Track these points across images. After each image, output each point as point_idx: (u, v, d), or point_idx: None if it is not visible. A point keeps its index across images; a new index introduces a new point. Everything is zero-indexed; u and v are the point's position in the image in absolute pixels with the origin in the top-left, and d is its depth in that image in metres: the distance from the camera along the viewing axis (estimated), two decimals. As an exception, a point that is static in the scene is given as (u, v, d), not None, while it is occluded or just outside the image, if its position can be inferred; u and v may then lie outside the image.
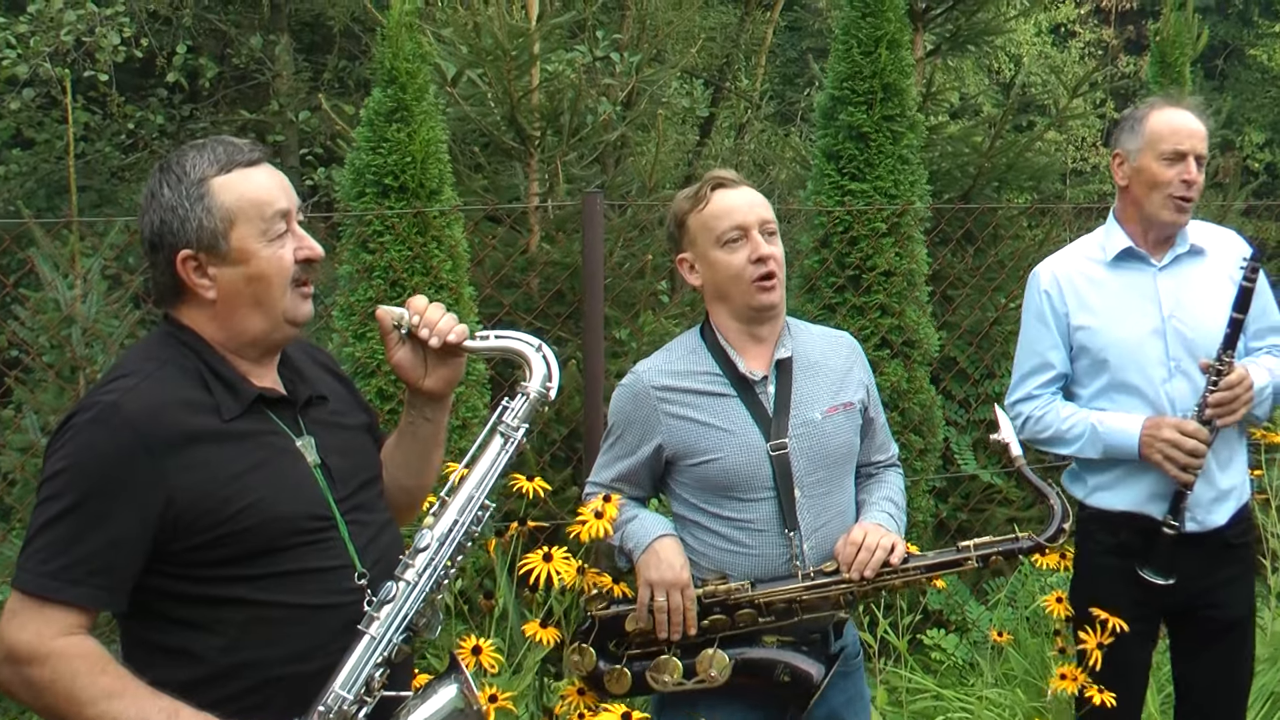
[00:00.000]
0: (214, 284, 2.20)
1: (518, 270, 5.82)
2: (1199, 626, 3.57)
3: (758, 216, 2.91)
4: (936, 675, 5.22)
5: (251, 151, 2.24)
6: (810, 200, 5.87)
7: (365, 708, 2.15)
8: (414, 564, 2.21)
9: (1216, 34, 19.56)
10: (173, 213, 2.18)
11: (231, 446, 2.16)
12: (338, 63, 11.28)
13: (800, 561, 2.87)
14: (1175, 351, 3.44)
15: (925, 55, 7.31)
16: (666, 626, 2.80)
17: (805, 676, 2.84)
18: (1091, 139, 18.87)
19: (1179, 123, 3.47)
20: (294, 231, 2.24)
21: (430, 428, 2.47)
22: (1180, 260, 3.53)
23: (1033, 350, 3.60)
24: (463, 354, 2.39)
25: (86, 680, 2.03)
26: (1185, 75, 6.95)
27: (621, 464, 2.99)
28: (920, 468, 5.76)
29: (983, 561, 2.91)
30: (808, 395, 2.96)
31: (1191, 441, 3.34)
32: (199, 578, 2.12)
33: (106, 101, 10.59)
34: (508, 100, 6.02)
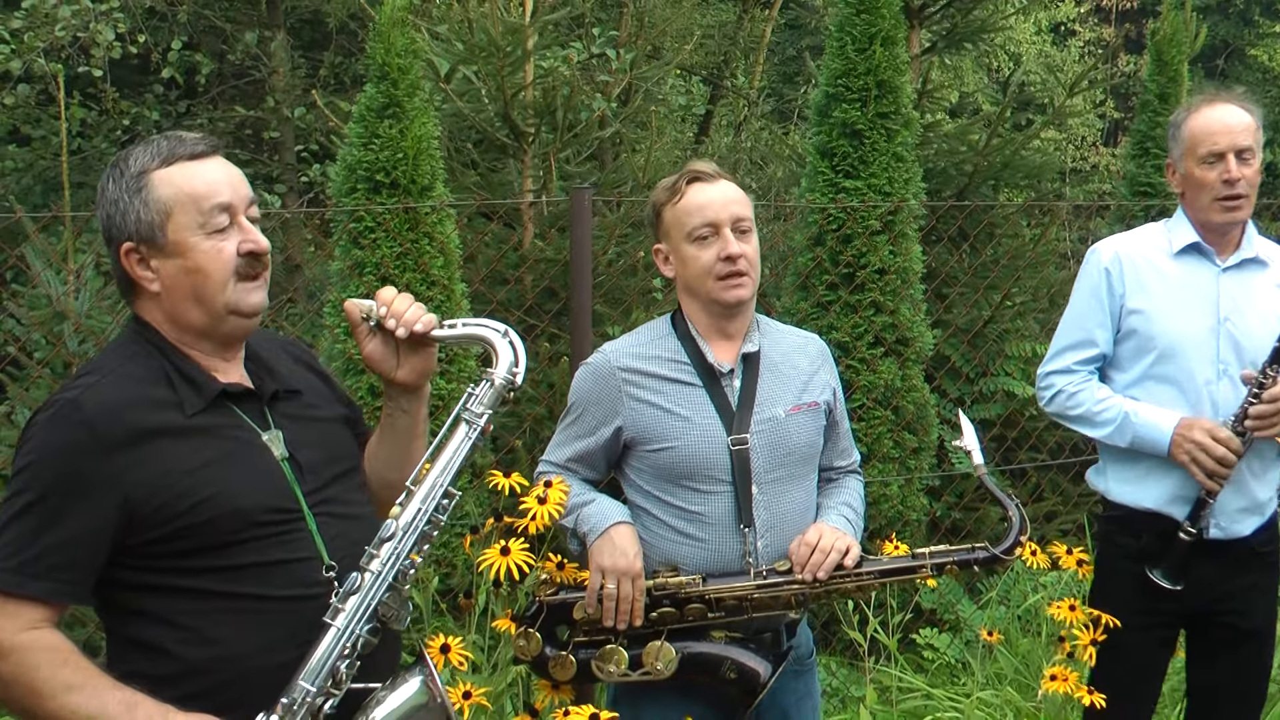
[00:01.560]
0: (156, 276, 2.22)
1: (510, 267, 5.81)
2: (1217, 633, 3.53)
3: (730, 213, 2.89)
4: (927, 674, 5.21)
5: (197, 144, 2.25)
6: (804, 198, 5.86)
7: (332, 700, 2.15)
8: (379, 554, 2.22)
9: (1217, 34, 19.54)
10: (115, 206, 2.22)
11: (192, 441, 2.17)
12: (334, 59, 11.27)
13: (753, 559, 2.85)
14: (1225, 354, 3.40)
15: (921, 53, 7.30)
16: (614, 615, 2.78)
17: (752, 674, 2.82)
18: (1092, 138, 18.86)
19: (1214, 122, 3.43)
20: (239, 225, 2.24)
21: (407, 420, 2.48)
22: (1245, 266, 3.50)
23: (1079, 324, 3.56)
24: (432, 344, 2.40)
25: (48, 673, 2.05)
26: (1183, 74, 6.95)
27: (579, 444, 2.96)
28: (914, 466, 5.75)
29: (937, 571, 2.88)
30: (773, 392, 2.95)
31: (1221, 449, 3.29)
32: (163, 569, 2.14)
33: (102, 98, 10.58)
34: (501, 96, 6.01)
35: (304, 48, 11.84)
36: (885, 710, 4.79)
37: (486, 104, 6.33)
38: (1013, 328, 6.49)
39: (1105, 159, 18.35)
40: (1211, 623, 3.52)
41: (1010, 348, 6.45)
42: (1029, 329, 6.62)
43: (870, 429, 5.62)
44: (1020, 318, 6.55)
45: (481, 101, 6.36)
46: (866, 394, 5.63)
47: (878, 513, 5.59)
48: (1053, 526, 6.27)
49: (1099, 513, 3.75)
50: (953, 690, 4.97)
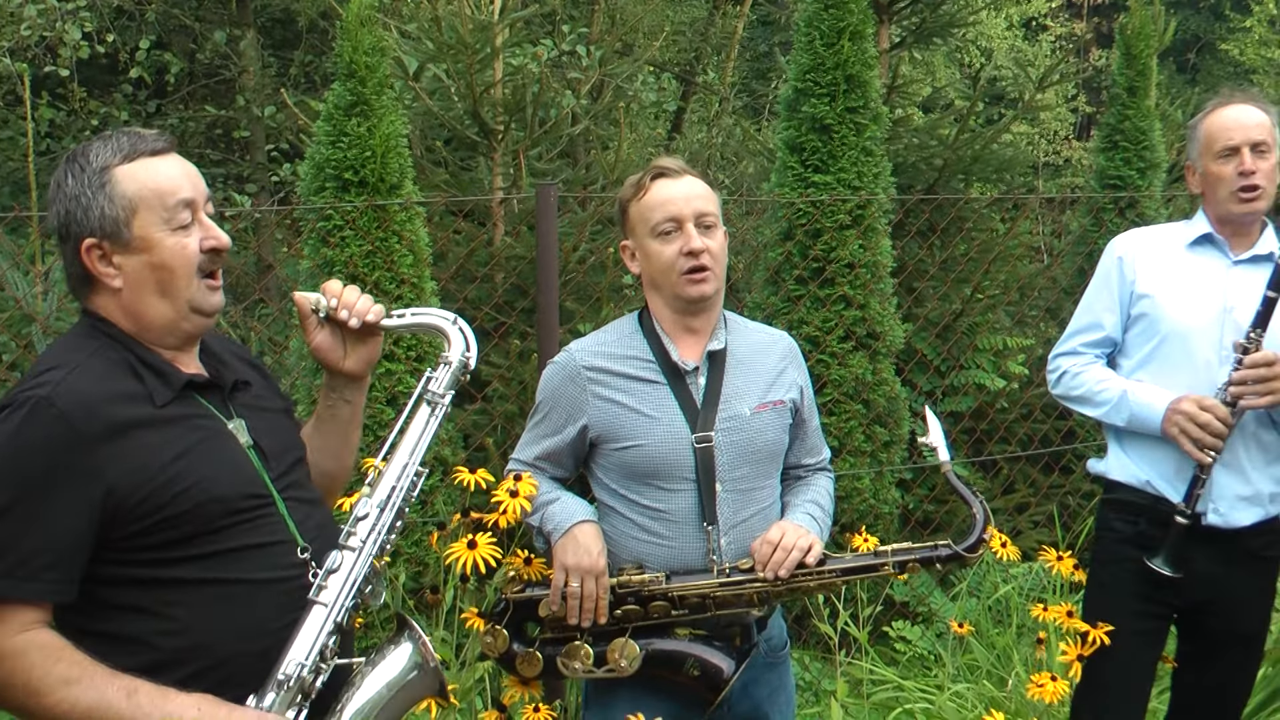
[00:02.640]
0: (119, 272, 2.22)
1: (480, 265, 5.81)
2: (1208, 634, 3.54)
3: (694, 209, 2.90)
4: (899, 667, 5.23)
5: (156, 141, 2.26)
6: (773, 192, 5.87)
7: (322, 675, 2.20)
8: (356, 532, 2.28)
9: (1189, 28, 19.66)
10: (76, 202, 2.20)
11: (166, 431, 2.18)
12: (304, 58, 11.23)
13: (717, 556, 2.86)
14: (1228, 342, 3.42)
15: (891, 48, 7.32)
16: (578, 612, 2.80)
17: (715, 671, 2.83)
18: (1064, 132, 18.93)
19: (1227, 119, 3.50)
20: (200, 221, 2.26)
21: (349, 409, 2.54)
22: (1258, 261, 3.51)
23: (1089, 309, 3.65)
24: (380, 333, 2.47)
25: (42, 671, 2.05)
26: (1151, 68, 6.98)
27: (546, 442, 2.97)
28: (885, 459, 5.77)
29: (899, 568, 2.89)
30: (738, 390, 2.95)
31: (1207, 416, 3.32)
32: (145, 561, 2.14)
33: (70, 98, 10.53)
34: (470, 94, 6.01)
35: (274, 46, 11.80)
36: (857, 703, 4.80)
37: (456, 102, 6.33)
38: (983, 320, 6.52)
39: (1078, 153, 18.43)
40: (1205, 621, 3.53)
41: (980, 340, 6.48)
42: (999, 322, 6.65)
43: (841, 423, 5.64)
44: (990, 311, 6.58)
45: (451, 99, 6.36)
46: (837, 388, 5.65)
47: (849, 507, 5.61)
48: (1024, 518, 6.31)
49: (1080, 499, 3.77)
50: (924, 682, 4.99)
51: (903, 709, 4.71)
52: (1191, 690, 3.64)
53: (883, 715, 4.75)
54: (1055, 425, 6.39)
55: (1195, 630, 3.58)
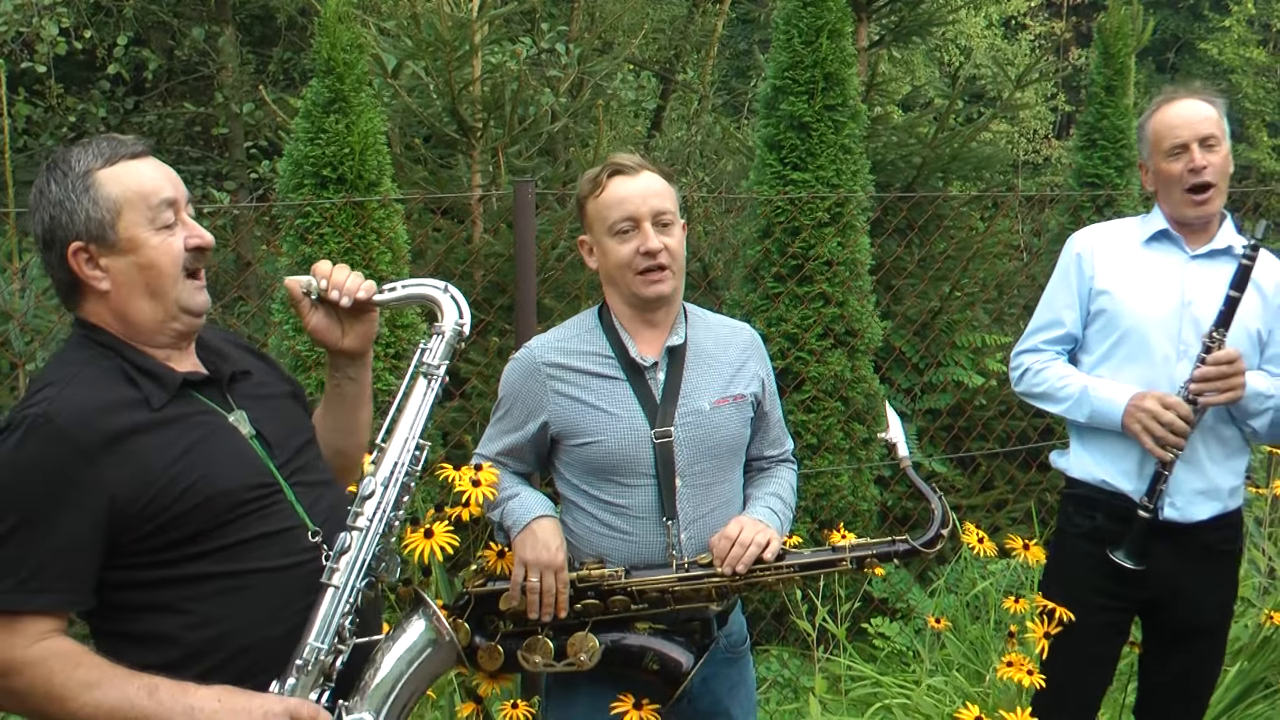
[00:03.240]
0: (106, 274, 2.24)
1: (458, 262, 5.81)
2: (1170, 627, 3.56)
3: (650, 208, 2.89)
4: (877, 663, 5.25)
5: (135, 145, 2.29)
6: (751, 189, 5.88)
7: (341, 656, 2.23)
8: (363, 511, 2.30)
9: (1168, 28, 19.74)
10: (60, 207, 2.22)
11: (165, 433, 2.20)
12: (283, 55, 11.20)
13: (677, 551, 2.87)
14: (1186, 336, 3.44)
15: (870, 46, 7.34)
16: (538, 607, 2.80)
17: (674, 665, 2.84)
18: (1044, 131, 18.99)
19: (1173, 116, 3.49)
20: (183, 221, 2.28)
21: (355, 386, 2.56)
22: (1215, 256, 3.52)
23: (1049, 306, 3.66)
24: (374, 309, 2.48)
25: (63, 678, 2.08)
26: (1129, 67, 7.02)
27: (508, 438, 2.97)
28: (863, 456, 5.79)
29: (857, 564, 2.90)
30: (698, 385, 2.96)
31: (1169, 414, 3.33)
32: (159, 562, 2.17)
33: (47, 94, 10.49)
34: (449, 92, 6.01)
35: (253, 43, 11.76)
36: (835, 699, 4.81)
37: (434, 99, 6.32)
38: (961, 318, 6.55)
39: (1057, 152, 18.49)
40: (1166, 615, 3.54)
41: (959, 338, 6.51)
42: (978, 319, 6.68)
43: (819, 420, 5.65)
44: (969, 308, 6.61)
45: (429, 97, 6.36)
46: (815, 385, 5.66)
47: (828, 504, 5.63)
48: (1002, 514, 6.33)
49: (1058, 495, 3.79)
50: (902, 678, 5.00)
51: (881, 705, 4.72)
52: (1157, 682, 3.65)
53: (861, 711, 4.76)
54: (1033, 422, 6.42)
55: (1157, 624, 3.60)
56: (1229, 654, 4.90)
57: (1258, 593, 5.37)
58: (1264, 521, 5.52)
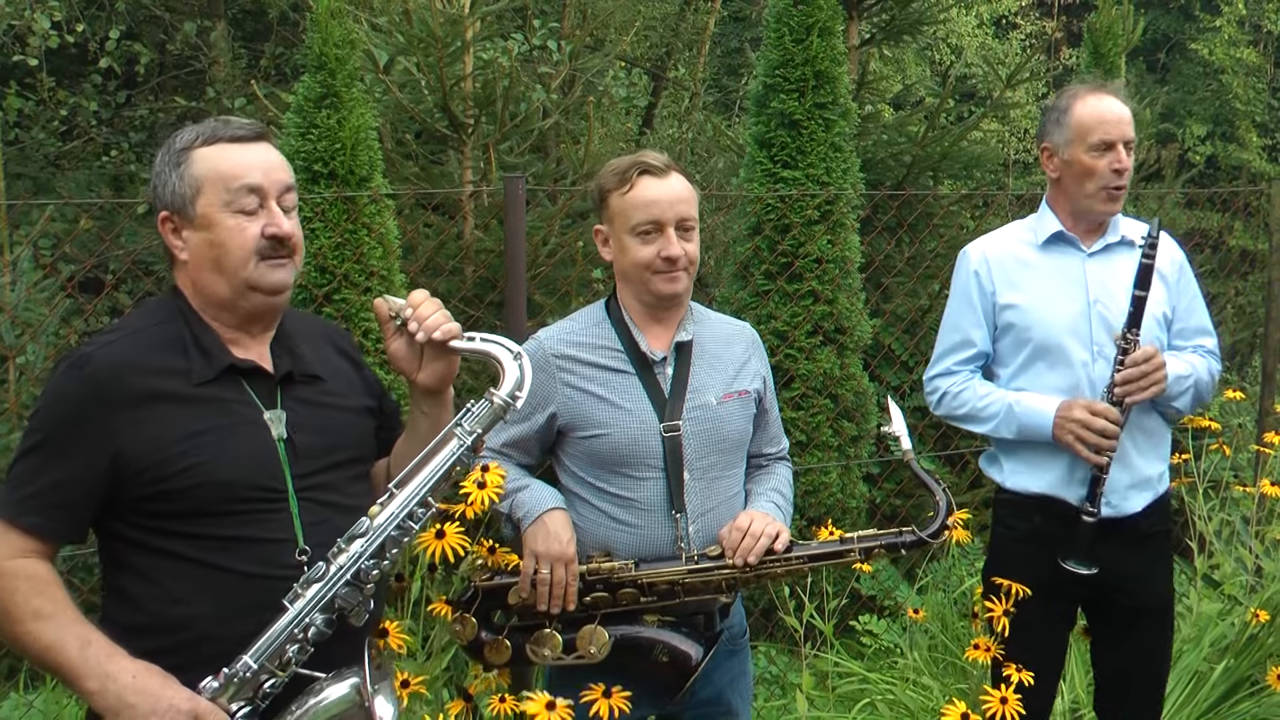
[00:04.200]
0: (185, 246, 2.35)
1: (449, 258, 5.82)
2: (1114, 612, 3.58)
3: (676, 214, 2.90)
4: (864, 660, 5.26)
5: (240, 129, 2.37)
6: (741, 187, 5.90)
7: (274, 680, 2.22)
8: (348, 549, 2.27)
9: (1158, 27, 19.77)
10: (159, 178, 2.37)
11: (192, 409, 2.26)
12: (275, 50, 11.19)
13: (685, 544, 2.89)
14: (1099, 336, 3.45)
15: (860, 44, 7.36)
16: (547, 599, 2.81)
17: (684, 657, 2.86)
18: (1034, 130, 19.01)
19: (1106, 112, 3.46)
20: (268, 208, 2.33)
21: (428, 422, 2.51)
22: (1111, 249, 3.54)
23: (955, 327, 3.60)
24: (457, 353, 2.45)
25: (21, 598, 2.17)
26: (1119, 66, 7.03)
27: (514, 429, 2.97)
28: (852, 454, 5.81)
29: (865, 555, 2.93)
30: (705, 380, 2.98)
31: (1101, 421, 3.34)
32: (145, 528, 2.23)
33: (39, 87, 10.47)
34: (441, 88, 6.01)
35: (245, 38, 11.74)
36: (822, 695, 4.83)
37: (426, 95, 6.33)
38: (950, 315, 6.56)
39: (1046, 151, 18.47)
40: (1109, 603, 3.56)
41: (948, 336, 6.51)
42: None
43: (808, 417, 5.67)
44: (959, 307, 6.61)
45: (421, 93, 6.37)
46: (805, 382, 5.68)
47: (817, 501, 5.65)
48: (990, 512, 6.34)
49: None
50: (889, 675, 5.02)
51: (868, 701, 4.74)
52: (1111, 670, 3.67)
53: (848, 707, 4.78)
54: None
55: (1103, 613, 3.62)
56: (1215, 651, 4.93)
57: (1245, 591, 5.39)
58: (1251, 520, 5.53)
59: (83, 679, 2.14)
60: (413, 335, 2.41)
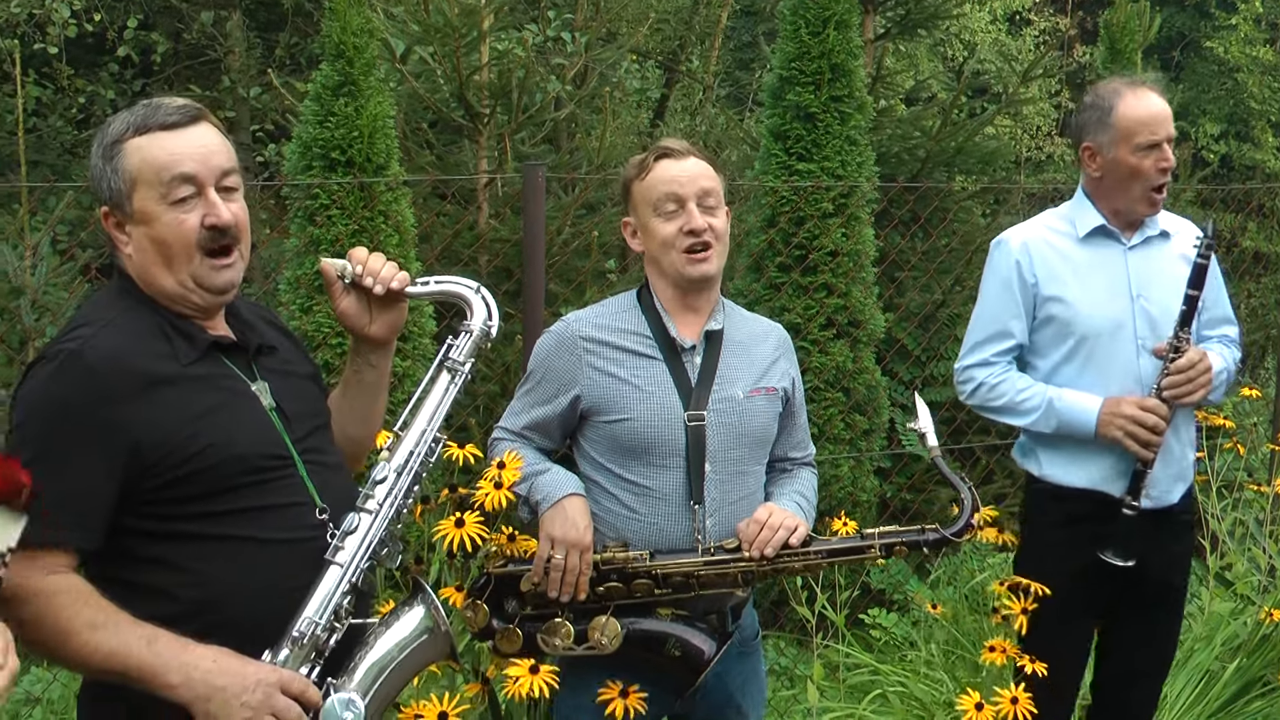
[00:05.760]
0: (129, 240, 2.28)
1: (465, 246, 5.83)
2: (1135, 601, 3.58)
3: (697, 188, 2.89)
4: (875, 652, 5.27)
5: (172, 113, 2.27)
6: (757, 179, 5.90)
7: (336, 634, 2.25)
8: (374, 495, 2.32)
9: (1173, 25, 19.69)
10: (95, 171, 2.30)
11: (190, 389, 2.23)
12: (290, 40, 11.21)
13: (702, 536, 2.85)
14: (1142, 330, 3.44)
15: (876, 38, 7.35)
16: (559, 586, 2.77)
17: (696, 652, 2.82)
18: (1047, 128, 18.97)
19: (1150, 111, 3.42)
20: (205, 197, 2.26)
21: (375, 374, 2.57)
22: (1150, 242, 3.52)
23: (994, 317, 3.56)
24: (404, 300, 2.50)
25: (69, 614, 2.11)
26: (1136, 63, 7.01)
27: (536, 411, 2.95)
28: (864, 447, 5.81)
29: (886, 551, 2.88)
30: (733, 372, 2.95)
31: (1153, 418, 3.34)
32: (166, 515, 2.20)
33: (57, 76, 10.50)
34: (457, 77, 6.03)
35: (259, 28, 11.77)
36: (833, 687, 4.83)
37: (442, 85, 6.35)
38: (964, 311, 6.55)
39: (1060, 149, 18.47)
40: (1133, 590, 3.55)
41: (961, 331, 6.49)
42: (980, 313, 6.69)
43: (821, 410, 5.68)
44: (972, 302, 6.60)
45: (437, 82, 6.38)
46: (817, 375, 5.69)
47: (828, 494, 5.65)
48: (1002, 508, 6.34)
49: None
50: (900, 666, 5.02)
51: (878, 692, 4.75)
52: (1119, 649, 3.67)
53: (858, 699, 4.78)
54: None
55: (1124, 599, 3.58)
56: (1227, 651, 4.93)
57: (1257, 590, 5.39)
58: (1265, 521, 5.53)
59: (161, 674, 2.10)
60: (362, 291, 2.44)
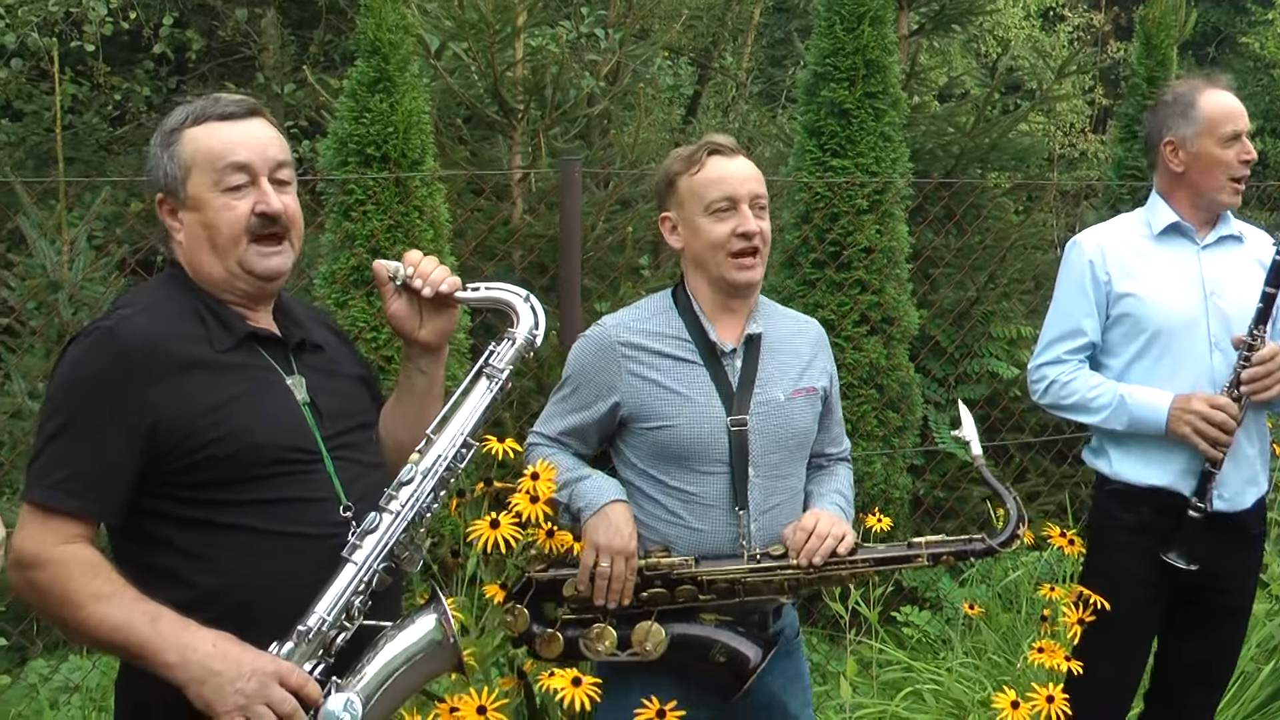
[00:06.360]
0: (181, 227, 2.35)
1: (499, 241, 5.85)
2: (1200, 609, 3.55)
3: (749, 190, 2.86)
4: (907, 649, 5.25)
5: (229, 105, 2.36)
6: (791, 176, 5.90)
7: (344, 633, 2.24)
8: (398, 496, 2.31)
9: (1209, 20, 19.54)
10: (153, 159, 2.37)
11: (219, 375, 2.27)
12: (324, 37, 11.25)
13: (747, 542, 2.82)
14: (1215, 329, 3.44)
15: (910, 34, 7.33)
16: (605, 593, 2.75)
17: (742, 659, 2.79)
18: (1081, 125, 18.85)
19: (1232, 104, 3.47)
20: (258, 186, 2.33)
21: (425, 380, 2.57)
22: (1223, 242, 3.53)
23: (1067, 315, 3.57)
24: (455, 305, 2.50)
25: (79, 584, 2.15)
26: (1171, 58, 6.97)
27: (573, 417, 2.92)
28: (897, 444, 5.80)
29: (933, 560, 2.86)
30: (774, 375, 2.92)
31: (1221, 415, 3.33)
32: (184, 499, 2.23)
33: (94, 73, 10.58)
34: (491, 73, 6.05)
35: (293, 25, 11.81)
36: (866, 683, 4.82)
37: (476, 81, 6.36)
38: (998, 309, 6.54)
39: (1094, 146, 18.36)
40: (1198, 599, 3.53)
41: (995, 329, 6.50)
42: (1014, 310, 6.67)
43: (854, 407, 5.67)
44: (1005, 299, 6.60)
45: (471, 78, 6.40)
46: (851, 372, 5.68)
47: (861, 491, 5.63)
48: (1035, 507, 6.33)
49: (1091, 489, 3.75)
50: (933, 664, 5.01)
51: (911, 689, 4.73)
52: (1180, 665, 3.64)
53: (890, 696, 4.77)
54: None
55: (1188, 607, 3.57)
56: (1264, 653, 4.89)
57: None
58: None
59: (160, 653, 2.12)
60: (413, 294, 2.45)
